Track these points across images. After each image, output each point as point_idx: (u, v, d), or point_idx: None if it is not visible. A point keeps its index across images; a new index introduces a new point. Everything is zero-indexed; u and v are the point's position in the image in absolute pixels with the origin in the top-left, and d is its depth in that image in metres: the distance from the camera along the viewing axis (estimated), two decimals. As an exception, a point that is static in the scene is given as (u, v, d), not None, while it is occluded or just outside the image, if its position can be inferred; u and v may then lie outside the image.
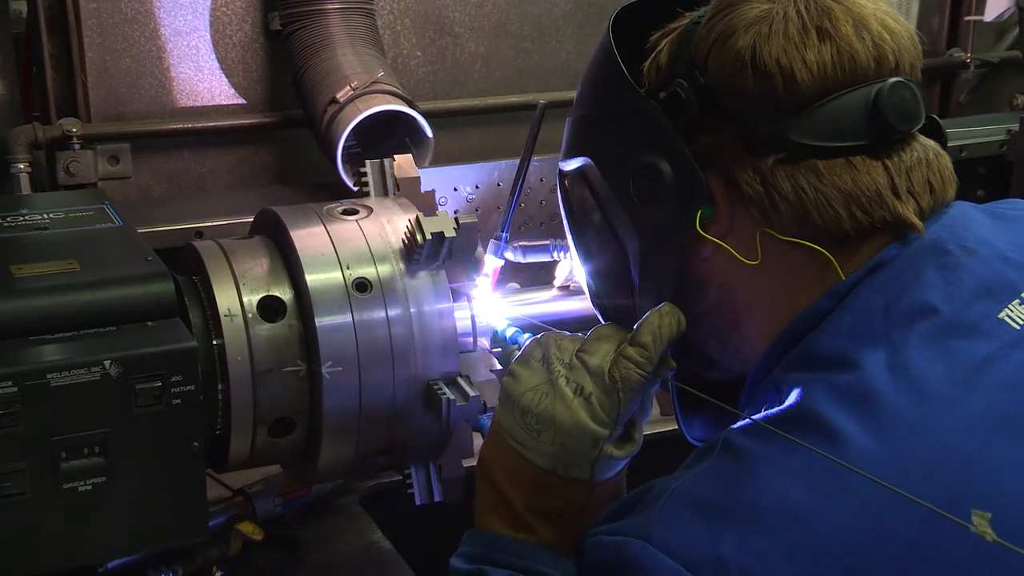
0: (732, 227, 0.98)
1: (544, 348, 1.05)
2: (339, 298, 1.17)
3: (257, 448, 1.18)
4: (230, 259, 1.20)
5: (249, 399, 1.15)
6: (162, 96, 1.86)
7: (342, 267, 1.18)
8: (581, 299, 1.54)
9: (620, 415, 1.00)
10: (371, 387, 1.17)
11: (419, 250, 1.19)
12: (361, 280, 1.18)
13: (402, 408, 1.19)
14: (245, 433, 1.16)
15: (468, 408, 1.17)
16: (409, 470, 1.25)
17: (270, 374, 1.15)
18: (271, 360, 1.15)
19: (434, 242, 1.18)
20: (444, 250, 1.20)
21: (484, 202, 1.86)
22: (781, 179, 0.94)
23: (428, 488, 1.25)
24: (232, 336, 1.14)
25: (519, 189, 1.54)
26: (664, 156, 0.97)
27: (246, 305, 1.16)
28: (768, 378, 0.94)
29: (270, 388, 1.15)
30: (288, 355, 1.16)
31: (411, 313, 1.19)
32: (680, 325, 1.00)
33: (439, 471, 1.25)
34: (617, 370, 1.00)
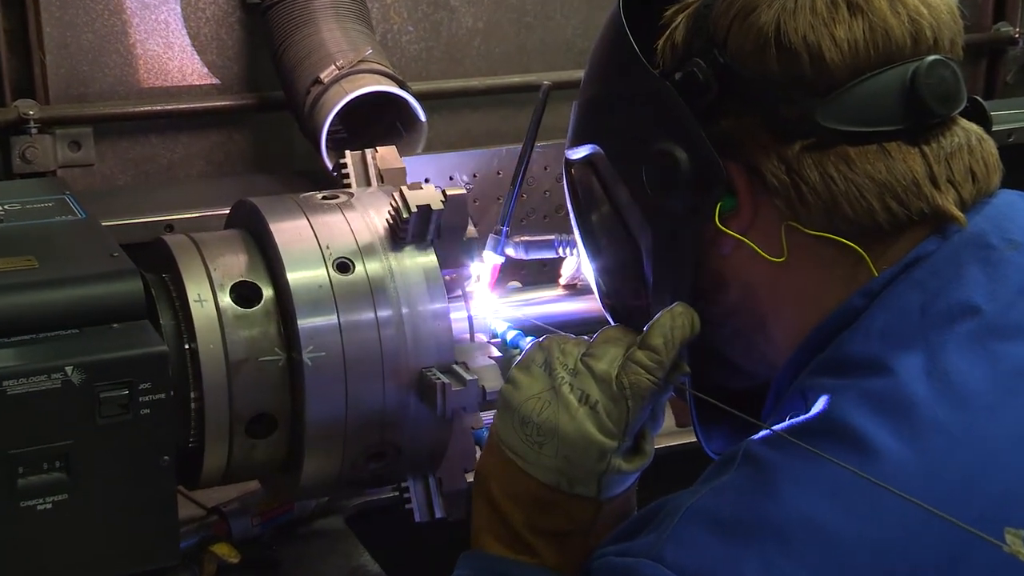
0: (754, 220, 0.99)
1: (546, 352, 1.06)
2: (324, 297, 1.18)
3: (235, 458, 1.19)
4: (204, 255, 1.20)
5: (223, 392, 1.15)
6: (128, 75, 1.86)
7: (327, 264, 1.19)
8: (589, 299, 1.54)
9: (629, 425, 1.01)
10: (359, 382, 1.18)
11: (404, 226, 1.20)
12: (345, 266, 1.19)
13: (394, 403, 1.19)
14: (220, 437, 1.17)
15: (465, 393, 1.17)
16: (407, 482, 1.25)
17: (246, 364, 1.16)
18: (246, 349, 1.16)
19: (420, 216, 1.19)
20: (432, 226, 1.21)
21: (482, 193, 1.87)
22: (808, 167, 0.95)
23: (428, 503, 1.25)
24: (203, 322, 1.15)
25: (521, 179, 1.55)
26: (680, 142, 0.98)
27: (218, 290, 1.17)
28: (794, 385, 0.95)
29: (246, 380, 1.16)
30: (265, 344, 1.17)
31: (403, 314, 1.20)
32: (694, 326, 1.01)
33: (439, 484, 1.26)
34: (625, 376, 1.01)
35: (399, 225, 1.20)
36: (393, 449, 1.22)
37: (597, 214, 1.10)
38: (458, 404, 1.17)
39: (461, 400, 1.17)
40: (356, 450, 1.20)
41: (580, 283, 1.58)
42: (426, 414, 1.21)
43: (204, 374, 1.15)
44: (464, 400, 1.17)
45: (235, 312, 1.17)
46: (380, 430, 1.20)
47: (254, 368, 1.16)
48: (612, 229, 1.08)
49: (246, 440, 1.18)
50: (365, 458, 1.22)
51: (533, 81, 2.02)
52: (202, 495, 1.44)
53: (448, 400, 1.17)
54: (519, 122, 2.01)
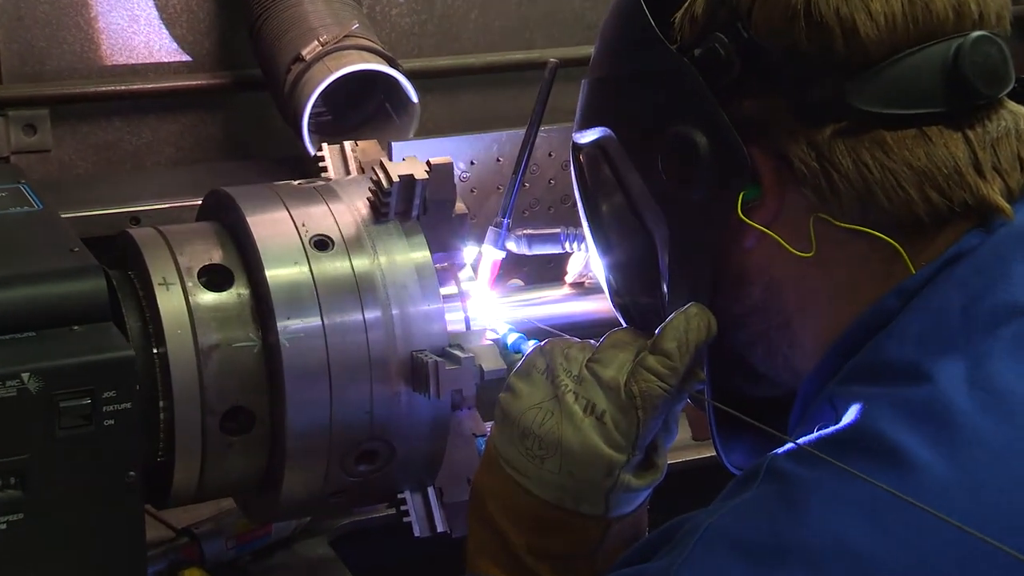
0: (781, 212, 0.99)
1: (548, 358, 1.07)
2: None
3: (209, 465, 1.19)
4: (174, 250, 1.21)
5: (194, 382, 1.16)
6: (88, 51, 1.87)
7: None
8: (598, 299, 1.55)
9: (639, 437, 1.02)
10: (343, 369, 1.18)
11: (386, 200, 1.21)
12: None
13: (383, 393, 1.19)
14: (192, 436, 1.16)
15: (461, 373, 1.18)
16: (403, 494, 1.26)
17: (217, 350, 1.16)
18: (218, 334, 1.17)
19: (403, 187, 1.20)
20: (417, 199, 1.22)
21: (481, 181, 1.88)
22: (840, 154, 0.96)
23: (428, 516, 1.26)
24: (168, 306, 1.16)
25: (524, 166, 1.56)
26: (699, 126, 0.99)
27: (185, 274, 1.18)
28: (822, 393, 0.95)
29: (218, 368, 1.16)
30: (239, 329, 1.18)
31: (392, 315, 1.21)
32: (710, 329, 1.02)
33: (440, 495, 1.27)
34: (635, 383, 1.01)
35: (380, 200, 1.22)
36: (385, 447, 1.22)
37: (608, 204, 1.11)
38: (453, 384, 1.18)
39: (456, 380, 1.17)
40: (344, 448, 1.20)
41: (589, 281, 1.59)
42: (420, 404, 1.21)
43: (172, 362, 1.15)
44: (460, 380, 1.18)
45: (204, 295, 1.18)
46: (369, 422, 1.20)
47: (227, 355, 1.17)
48: (624, 221, 1.08)
49: (221, 438, 1.18)
50: (355, 458, 1.22)
51: (537, 58, 2.02)
52: (172, 515, 1.45)
53: (442, 380, 1.17)
54: (522, 104, 2.02)
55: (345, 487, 1.24)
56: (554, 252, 1.62)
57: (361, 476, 1.23)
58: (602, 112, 1.09)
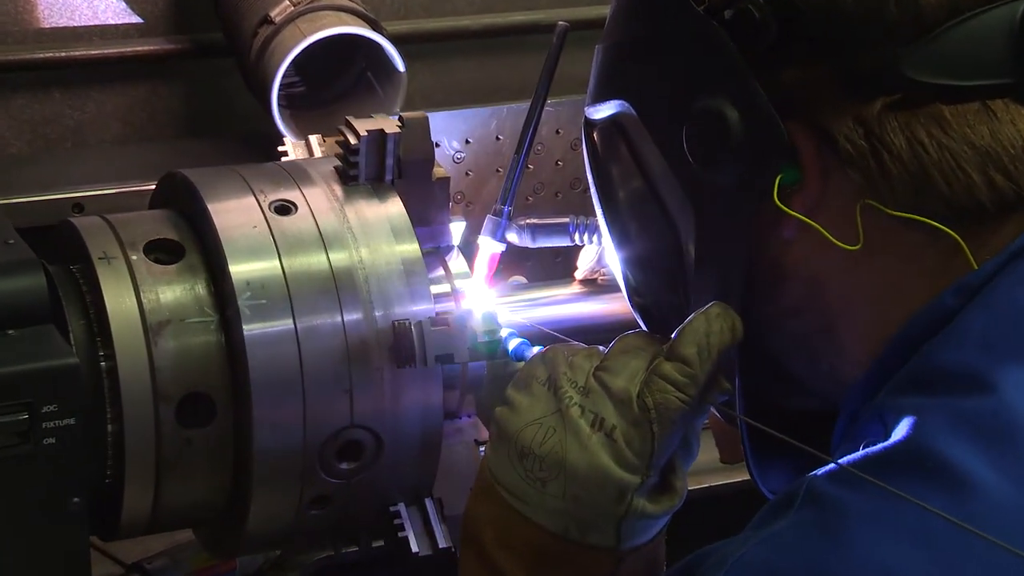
0: (823, 198, 1.00)
1: (550, 366, 1.08)
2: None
3: (164, 482, 1.19)
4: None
5: (143, 364, 1.16)
6: (22, 12, 1.87)
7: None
8: (613, 298, 1.56)
9: (655, 456, 1.03)
10: (314, 342, 1.19)
11: (355, 160, 1.24)
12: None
13: (363, 370, 1.20)
14: (143, 437, 1.16)
15: (449, 335, 1.19)
16: (397, 507, 1.26)
17: (168, 327, 1.18)
18: (168, 309, 1.19)
19: (372, 144, 1.22)
20: (389, 157, 1.25)
21: (478, 162, 1.88)
22: (892, 131, 0.97)
23: (427, 532, 1.26)
24: (110, 280, 1.17)
25: (528, 145, 1.56)
26: (730, 98, 1.00)
27: (128, 248, 1.20)
28: (870, 405, 0.96)
29: (170, 347, 1.17)
30: (192, 305, 1.20)
31: (375, 317, 1.22)
32: (735, 331, 1.03)
33: (439, 507, 1.28)
34: (650, 394, 1.03)
35: (348, 159, 1.25)
36: (371, 438, 1.23)
37: (625, 190, 1.12)
38: (442, 348, 1.18)
39: (445, 343, 1.19)
40: (322, 437, 1.21)
41: (602, 278, 1.59)
42: (406, 382, 1.22)
43: (117, 342, 1.16)
44: (449, 343, 1.19)
45: (151, 268, 1.20)
46: (349, 404, 1.21)
47: (179, 332, 1.18)
48: (644, 209, 1.09)
49: (177, 432, 1.18)
50: (335, 451, 1.22)
51: (543, 20, 2.03)
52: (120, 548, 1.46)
53: (429, 343, 1.18)
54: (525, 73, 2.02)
55: (327, 492, 1.24)
56: (562, 245, 1.62)
57: (345, 477, 1.23)
58: (619, 83, 1.10)
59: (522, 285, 1.67)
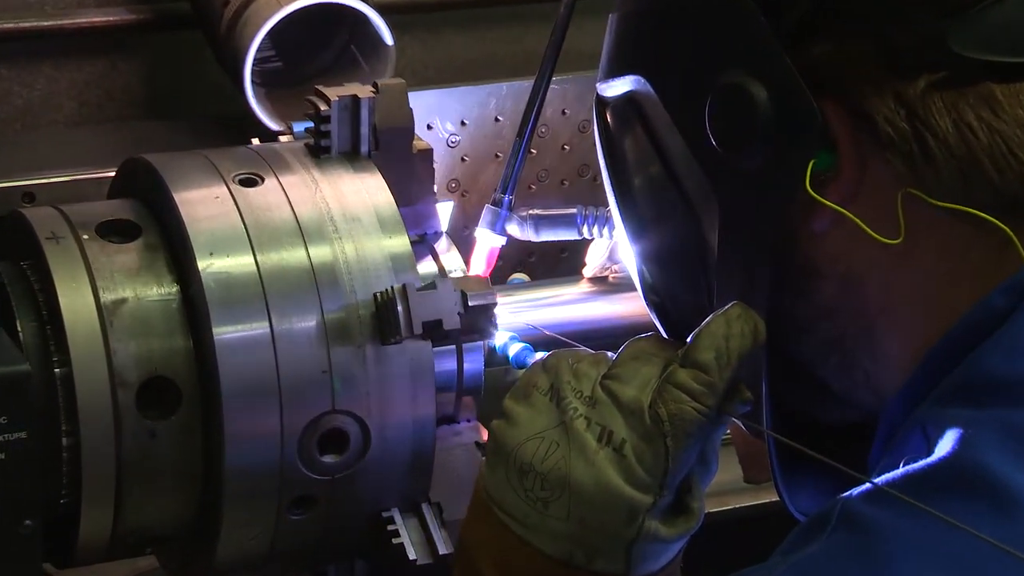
0: (861, 186, 1.01)
1: (553, 374, 1.08)
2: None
3: (126, 492, 1.19)
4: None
5: (98, 345, 1.17)
6: (-35, -23, 1.88)
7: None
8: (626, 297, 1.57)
9: (669, 473, 1.03)
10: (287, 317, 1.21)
11: (327, 128, 1.26)
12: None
13: (342, 349, 1.22)
14: (101, 431, 1.16)
15: (437, 298, 1.19)
16: (390, 513, 1.27)
17: (124, 306, 1.19)
18: (124, 286, 1.20)
19: (344, 110, 1.25)
20: (364, 125, 1.27)
21: (475, 147, 1.88)
22: (937, 112, 0.97)
23: (426, 539, 1.26)
24: (59, 260, 1.18)
25: (531, 127, 1.57)
26: (758, 74, 1.00)
27: (78, 225, 1.21)
28: (913, 417, 0.97)
29: (127, 327, 1.18)
30: (151, 282, 1.21)
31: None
32: (757, 335, 1.04)
33: (438, 513, 1.28)
34: (663, 405, 1.03)
35: (319, 129, 1.27)
36: (356, 427, 1.23)
37: (641, 176, 1.12)
38: (429, 313, 1.19)
39: (431, 307, 1.19)
40: (301, 422, 1.21)
41: (614, 275, 1.60)
42: (392, 360, 1.22)
43: (68, 326, 1.16)
44: (436, 307, 1.19)
45: (104, 247, 1.21)
46: (329, 386, 1.22)
47: (137, 311, 1.19)
48: (662, 197, 1.10)
49: (139, 423, 1.18)
50: (318, 440, 1.22)
51: (548, -13, 2.03)
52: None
53: (414, 308, 1.18)
54: (527, 46, 2.03)
55: (310, 492, 1.24)
56: (569, 238, 1.63)
57: (329, 473, 1.24)
58: (635, 57, 1.11)
59: (524, 283, 1.68)
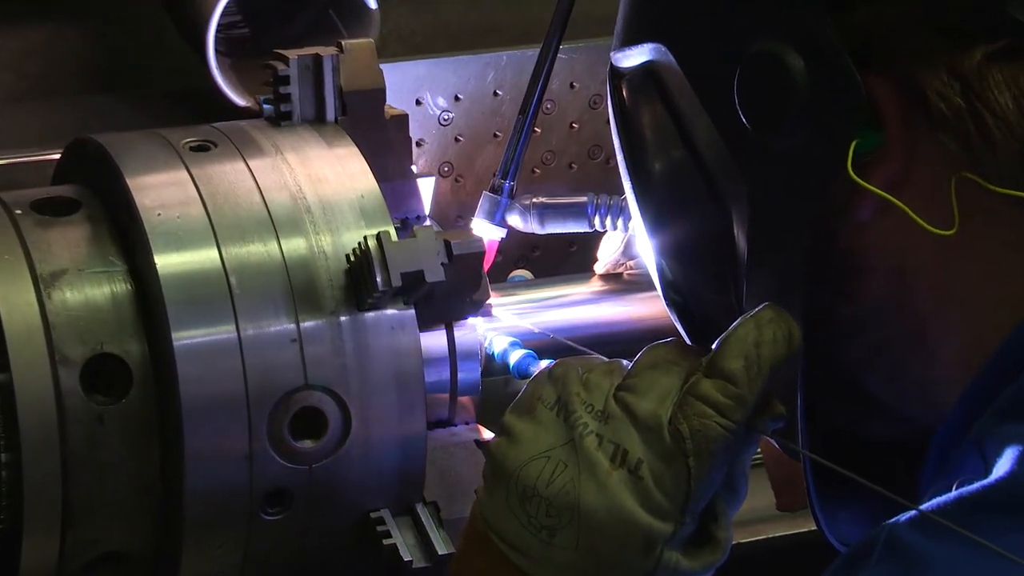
0: (910, 170, 1.02)
1: (560, 386, 1.09)
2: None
3: (73, 495, 1.19)
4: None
5: (34, 321, 1.18)
6: None
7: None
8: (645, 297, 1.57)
9: (691, 498, 1.04)
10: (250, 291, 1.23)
11: (287, 91, 1.30)
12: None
13: (313, 319, 1.24)
14: (41, 420, 1.17)
15: (415, 249, 1.20)
16: (380, 512, 1.27)
17: (63, 277, 1.21)
18: (63, 259, 1.22)
19: (305, 70, 1.29)
20: (328, 86, 1.30)
21: (471, 125, 1.89)
22: (996, 87, 0.98)
23: (422, 540, 1.27)
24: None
25: (535, 103, 1.57)
26: (794, 42, 1.01)
27: (12, 203, 1.24)
28: (969, 433, 0.97)
29: (68, 300, 1.20)
30: (94, 255, 1.23)
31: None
32: (791, 341, 1.04)
33: (435, 512, 1.28)
34: (685, 420, 1.03)
35: (279, 92, 1.33)
36: (332, 405, 1.24)
37: (661, 159, 1.13)
38: (408, 264, 1.20)
39: (412, 258, 1.20)
40: (268, 401, 1.22)
41: (629, 272, 1.60)
42: (370, 329, 1.24)
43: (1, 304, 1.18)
44: (416, 257, 1.20)
45: (38, 220, 1.23)
46: (300, 359, 1.23)
47: (78, 282, 1.21)
48: (685, 183, 1.11)
49: (85, 405, 1.19)
50: (290, 422, 1.23)
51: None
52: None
53: (391, 258, 1.19)
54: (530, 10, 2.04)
55: (285, 484, 1.24)
56: (578, 231, 1.63)
57: (306, 460, 1.24)
58: (654, 22, 1.12)
59: (527, 282, 1.68)
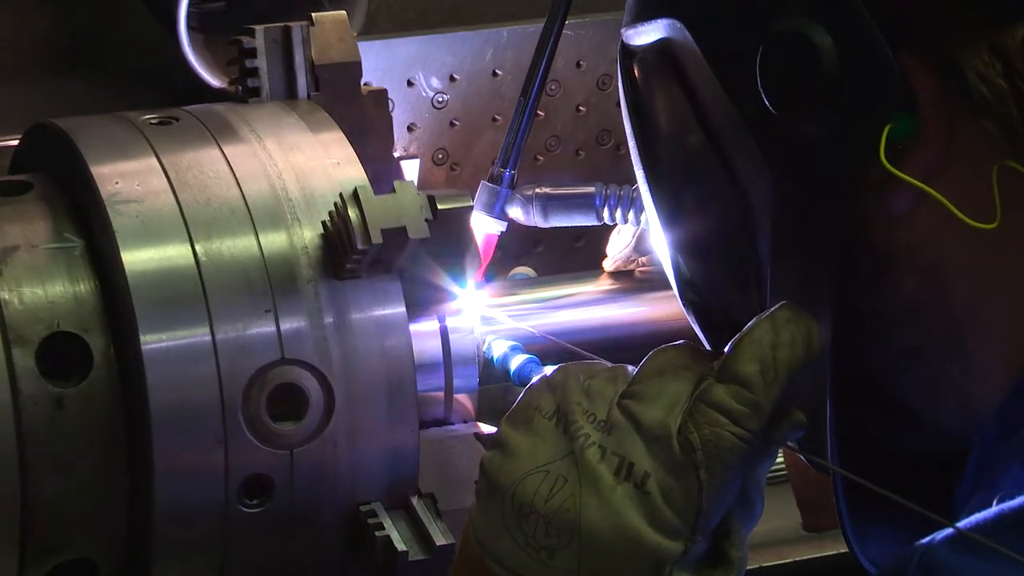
0: (948, 158, 1.02)
1: (559, 394, 1.10)
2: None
3: (31, 491, 1.20)
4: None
5: None
6: None
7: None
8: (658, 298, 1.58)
9: (703, 514, 1.04)
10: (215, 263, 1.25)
11: (253, 64, 1.34)
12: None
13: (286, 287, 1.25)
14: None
15: (396, 203, 1.21)
16: (370, 505, 1.27)
17: (16, 254, 1.23)
18: (15, 235, 1.24)
19: (272, 42, 1.31)
20: (298, 60, 1.33)
21: (468, 108, 1.89)
22: (1043, 68, 0.99)
23: (418, 532, 1.27)
24: None
25: (538, 84, 1.58)
26: (821, 19, 1.02)
27: None
28: (1011, 443, 0.98)
29: (22, 276, 1.22)
30: (47, 230, 1.25)
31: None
32: (810, 343, 1.05)
33: (432, 504, 1.29)
34: (696, 429, 1.04)
35: (245, 65, 1.35)
36: (313, 381, 1.25)
37: (677, 145, 1.14)
38: (390, 220, 1.21)
39: (393, 212, 1.21)
40: (242, 377, 1.23)
41: (641, 269, 1.61)
42: (351, 299, 1.26)
43: None
44: (399, 212, 1.21)
45: None
46: (275, 329, 1.24)
47: (32, 260, 1.23)
48: (703, 172, 1.11)
49: (42, 388, 1.21)
50: (267, 401, 1.24)
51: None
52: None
53: (370, 213, 1.20)
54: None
55: (264, 471, 1.25)
56: (586, 224, 1.64)
57: (286, 444, 1.24)
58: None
59: (529, 280, 1.69)
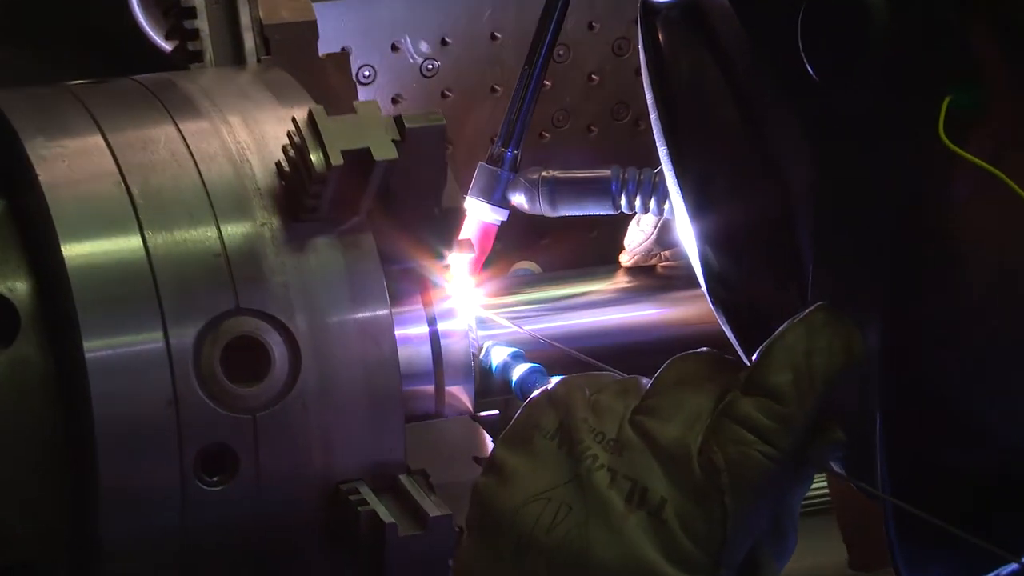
0: (1016, 135, 1.03)
1: (563, 410, 1.11)
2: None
3: None
4: None
5: None
6: None
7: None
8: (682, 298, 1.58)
9: (728, 546, 1.05)
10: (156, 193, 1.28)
11: (193, 25, 1.37)
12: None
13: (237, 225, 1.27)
14: None
15: (357, 125, 1.23)
16: (355, 482, 1.27)
17: None
18: None
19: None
20: (243, 19, 1.36)
21: (462, 77, 1.90)
22: None
23: (409, 508, 1.28)
24: None
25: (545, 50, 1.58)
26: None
27: None
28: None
29: None
30: None
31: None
32: (851, 350, 1.06)
33: (424, 480, 1.30)
34: (719, 449, 1.05)
35: (183, 26, 1.38)
36: (276, 334, 1.25)
37: (706, 118, 1.15)
38: (352, 141, 1.22)
39: (356, 133, 1.23)
40: (192, 330, 1.24)
41: (663, 265, 1.61)
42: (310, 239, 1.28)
43: None
44: (362, 132, 1.23)
45: None
46: (227, 273, 1.26)
47: None
48: (735, 149, 1.13)
49: None
50: (221, 358, 1.24)
51: None
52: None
53: (329, 134, 1.21)
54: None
55: (224, 441, 1.24)
56: (600, 212, 1.64)
57: (248, 408, 1.24)
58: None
59: (533, 277, 1.69)
